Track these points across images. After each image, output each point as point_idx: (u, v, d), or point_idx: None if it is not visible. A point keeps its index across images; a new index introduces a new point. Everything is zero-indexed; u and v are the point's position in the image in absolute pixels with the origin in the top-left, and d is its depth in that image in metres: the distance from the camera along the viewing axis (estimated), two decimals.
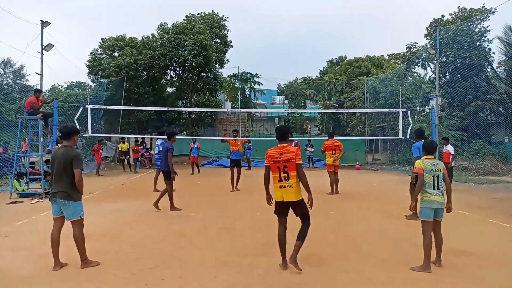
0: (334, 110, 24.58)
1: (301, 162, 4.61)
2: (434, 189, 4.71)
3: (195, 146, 17.86)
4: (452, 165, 12.46)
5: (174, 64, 24.24)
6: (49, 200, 4.82)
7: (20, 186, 10.46)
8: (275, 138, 4.93)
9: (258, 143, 20.00)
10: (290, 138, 11.94)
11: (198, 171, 17.64)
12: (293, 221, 4.82)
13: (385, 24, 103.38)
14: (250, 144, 19.61)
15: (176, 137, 9.29)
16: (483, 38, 20.93)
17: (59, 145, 5.06)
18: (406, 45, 26.56)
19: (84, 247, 4.72)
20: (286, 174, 4.55)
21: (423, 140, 7.11)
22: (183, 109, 24.12)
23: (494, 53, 20.82)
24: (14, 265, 4.83)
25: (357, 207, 9.01)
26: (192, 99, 25.64)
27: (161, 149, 9.54)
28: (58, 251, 4.70)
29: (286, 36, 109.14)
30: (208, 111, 24.61)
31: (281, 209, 4.67)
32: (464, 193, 11.55)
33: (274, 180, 4.66)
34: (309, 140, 20.74)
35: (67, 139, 4.88)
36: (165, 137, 9.68)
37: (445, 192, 4.80)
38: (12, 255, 5.24)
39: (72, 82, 23.46)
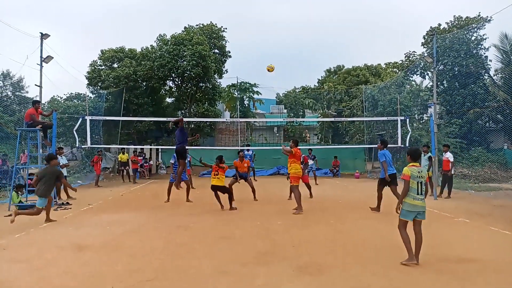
0: (333, 119, 24.65)
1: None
2: (418, 194, 5.12)
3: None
4: (452, 173, 12.42)
5: (173, 74, 24.34)
6: (38, 195, 7.92)
7: (17, 198, 10.39)
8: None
9: (257, 152, 19.99)
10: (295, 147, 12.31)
11: (191, 186, 13.91)
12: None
13: (381, 33, 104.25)
14: (253, 153, 18.49)
15: (174, 147, 9.59)
16: (480, 46, 21.12)
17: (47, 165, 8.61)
18: (405, 54, 26.80)
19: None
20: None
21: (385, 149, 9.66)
22: None
23: (491, 60, 21.04)
24: (11, 277, 4.79)
25: (357, 215, 8.98)
26: (191, 109, 25.71)
27: None
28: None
29: (284, 46, 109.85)
30: (207, 121, 24.65)
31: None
32: (464, 200, 11.53)
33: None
34: (310, 150, 18.22)
35: (49, 163, 8.30)
36: None
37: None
38: (9, 267, 5.19)
39: (71, 93, 23.55)
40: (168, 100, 28.53)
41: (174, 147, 14.16)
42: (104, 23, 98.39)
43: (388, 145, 20.79)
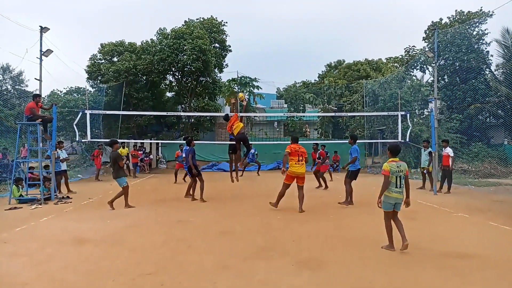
0: (333, 114, 24.61)
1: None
2: (396, 187, 5.50)
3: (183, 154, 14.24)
4: (452, 168, 12.42)
5: (173, 68, 24.28)
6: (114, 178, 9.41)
7: (18, 192, 10.41)
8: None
9: (258, 147, 19.99)
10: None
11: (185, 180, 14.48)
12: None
13: (382, 28, 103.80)
14: (255, 152, 18.90)
15: (174, 141, 9.67)
16: (481, 41, 21.01)
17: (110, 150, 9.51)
18: (405, 49, 26.65)
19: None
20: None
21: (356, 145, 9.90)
22: (182, 113, 24.17)
23: (492, 55, 20.93)
24: (12, 271, 4.80)
25: (357, 211, 8.99)
26: (191, 104, 25.67)
27: None
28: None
29: (285, 40, 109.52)
30: (207, 116, 24.64)
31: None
32: (464, 196, 11.54)
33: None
34: (323, 146, 15.41)
35: (112, 147, 9.32)
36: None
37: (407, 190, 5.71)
38: (10, 261, 5.20)
39: (71, 87, 23.47)
40: (168, 94, 28.49)
41: (175, 141, 14.47)
42: (104, 20, 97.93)
43: (388, 140, 21.10)
